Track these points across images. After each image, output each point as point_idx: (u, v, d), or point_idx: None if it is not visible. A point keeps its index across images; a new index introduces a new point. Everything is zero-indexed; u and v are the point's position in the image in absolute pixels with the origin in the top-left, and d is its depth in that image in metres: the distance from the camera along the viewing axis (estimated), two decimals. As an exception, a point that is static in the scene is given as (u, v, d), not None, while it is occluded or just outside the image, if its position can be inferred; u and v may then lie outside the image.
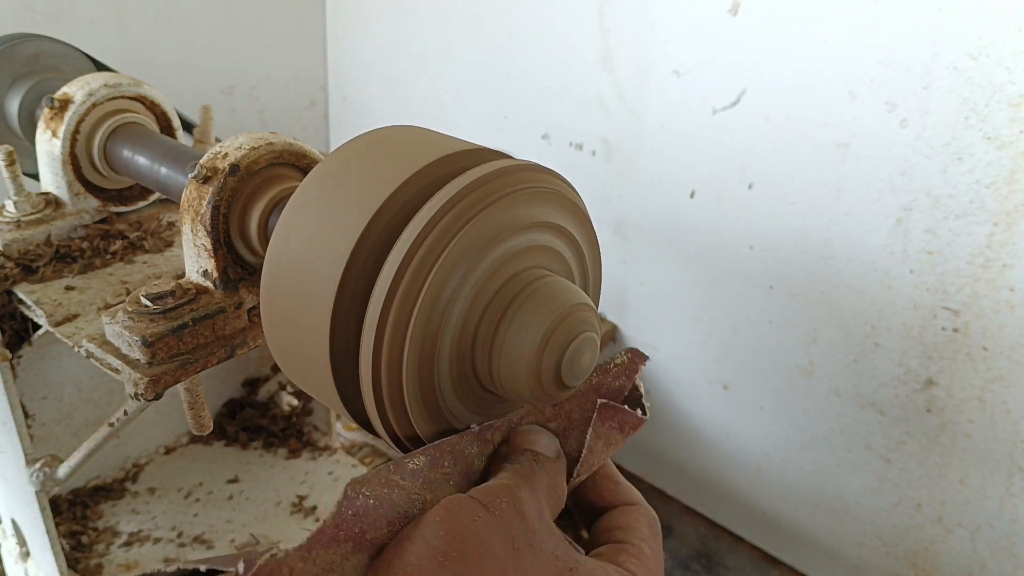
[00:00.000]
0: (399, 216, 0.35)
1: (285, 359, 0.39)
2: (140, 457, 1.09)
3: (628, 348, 0.42)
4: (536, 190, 0.36)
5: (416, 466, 0.35)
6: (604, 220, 1.26)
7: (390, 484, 0.33)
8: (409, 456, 0.35)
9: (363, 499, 0.32)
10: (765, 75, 1.01)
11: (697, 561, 1.36)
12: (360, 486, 0.32)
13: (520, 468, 0.36)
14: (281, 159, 0.54)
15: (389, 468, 0.34)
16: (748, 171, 1.07)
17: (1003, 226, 0.88)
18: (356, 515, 0.32)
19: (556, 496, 0.37)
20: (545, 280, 0.36)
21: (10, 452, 0.74)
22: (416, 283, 0.33)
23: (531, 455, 0.37)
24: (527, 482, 0.35)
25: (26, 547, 0.86)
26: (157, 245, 0.71)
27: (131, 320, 0.51)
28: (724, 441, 1.27)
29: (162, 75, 1.19)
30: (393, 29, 1.46)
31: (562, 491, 0.38)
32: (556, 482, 0.37)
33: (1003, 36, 0.82)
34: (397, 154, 0.37)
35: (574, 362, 0.36)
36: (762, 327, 1.14)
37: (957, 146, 0.89)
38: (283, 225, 0.38)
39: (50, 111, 0.68)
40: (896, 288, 0.99)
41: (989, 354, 0.94)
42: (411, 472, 0.34)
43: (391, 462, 0.34)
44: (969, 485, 1.02)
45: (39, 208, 0.70)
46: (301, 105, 1.60)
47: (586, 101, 1.22)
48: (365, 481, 0.33)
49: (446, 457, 0.36)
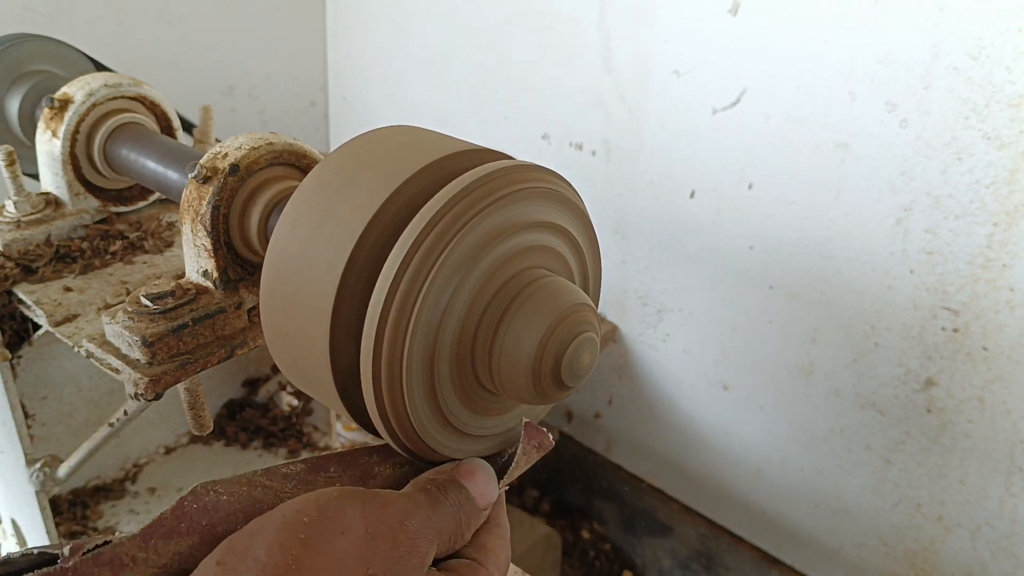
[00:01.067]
0: (399, 216, 0.35)
1: (285, 359, 0.39)
2: (140, 457, 1.09)
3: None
4: (536, 190, 0.36)
5: (290, 471, 0.34)
6: (604, 220, 1.26)
7: (252, 484, 0.33)
8: (286, 463, 0.34)
9: (213, 495, 0.32)
10: (765, 75, 1.01)
11: (697, 561, 1.36)
12: (211, 484, 0.32)
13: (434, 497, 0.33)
14: (281, 159, 0.54)
15: (258, 472, 0.33)
16: (748, 171, 1.07)
17: (1003, 226, 0.88)
18: (202, 509, 0.31)
19: (451, 544, 0.33)
20: (545, 280, 0.36)
21: (10, 452, 0.74)
22: (416, 283, 0.33)
23: (459, 491, 0.34)
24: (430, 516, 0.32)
25: (26, 547, 0.86)
26: (157, 245, 0.71)
27: (131, 320, 0.51)
28: (724, 441, 1.27)
29: (162, 75, 1.20)
30: (393, 29, 1.46)
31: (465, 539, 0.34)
32: (461, 529, 0.34)
33: (1003, 36, 0.82)
34: (397, 154, 0.37)
35: (574, 362, 0.36)
36: (762, 327, 1.14)
37: (957, 146, 0.89)
38: (283, 225, 0.38)
39: (50, 111, 0.68)
40: (896, 288, 0.99)
41: (989, 354, 0.94)
42: (282, 475, 0.34)
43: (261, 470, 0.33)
44: (969, 485, 1.02)
45: (39, 208, 0.70)
46: (301, 105, 1.60)
47: (586, 101, 1.22)
48: (221, 481, 0.32)
49: (332, 463, 0.35)
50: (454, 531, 0.33)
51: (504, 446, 0.42)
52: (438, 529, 0.32)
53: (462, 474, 0.35)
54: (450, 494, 0.34)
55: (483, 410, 0.39)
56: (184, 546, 0.31)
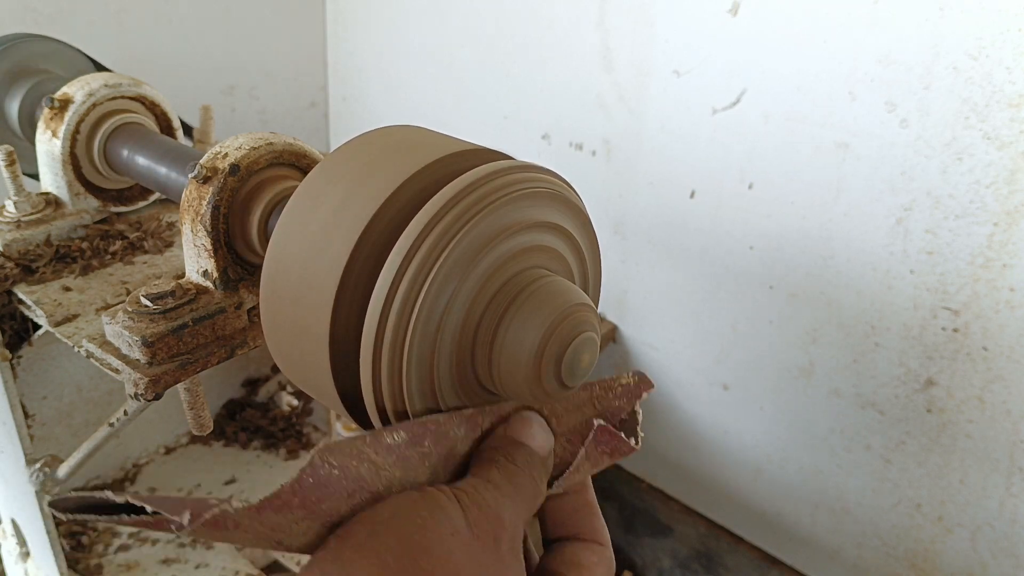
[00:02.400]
0: (399, 216, 0.35)
1: (285, 360, 0.39)
2: (140, 457, 1.09)
3: (636, 371, 0.39)
4: (536, 190, 0.36)
5: (393, 441, 0.33)
6: (604, 220, 1.26)
7: (360, 457, 0.32)
8: (388, 429, 0.33)
9: (327, 468, 0.31)
10: (765, 75, 1.01)
11: (697, 561, 1.36)
12: (328, 454, 0.31)
13: (509, 471, 0.33)
14: (281, 159, 0.54)
15: (364, 439, 0.32)
16: (748, 171, 1.07)
17: (1003, 226, 0.88)
18: (317, 484, 0.31)
19: (535, 502, 0.35)
20: (545, 280, 0.36)
21: (10, 452, 0.74)
22: (416, 284, 0.33)
23: (523, 451, 0.35)
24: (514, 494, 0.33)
25: (26, 547, 0.86)
26: (157, 246, 0.71)
27: (131, 320, 0.51)
28: (724, 441, 1.27)
29: (162, 75, 1.19)
30: (393, 29, 1.46)
31: (542, 497, 0.35)
32: (539, 488, 0.35)
33: (1003, 36, 0.82)
34: (397, 154, 0.37)
35: (574, 362, 0.36)
36: (762, 327, 1.14)
37: (957, 146, 0.89)
38: (283, 225, 0.38)
39: (50, 111, 0.68)
40: (896, 288, 0.99)
41: (989, 354, 0.94)
42: (386, 447, 0.33)
43: (368, 433, 0.33)
44: (969, 485, 1.02)
45: (39, 208, 0.70)
46: (301, 105, 1.60)
47: (586, 101, 1.22)
48: (334, 450, 0.31)
49: (428, 436, 0.34)
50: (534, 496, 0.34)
51: None
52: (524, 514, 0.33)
53: (518, 432, 0.35)
54: (519, 459, 0.34)
55: (483, 410, 0.39)
56: (287, 519, 0.30)
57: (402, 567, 0.27)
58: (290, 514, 0.30)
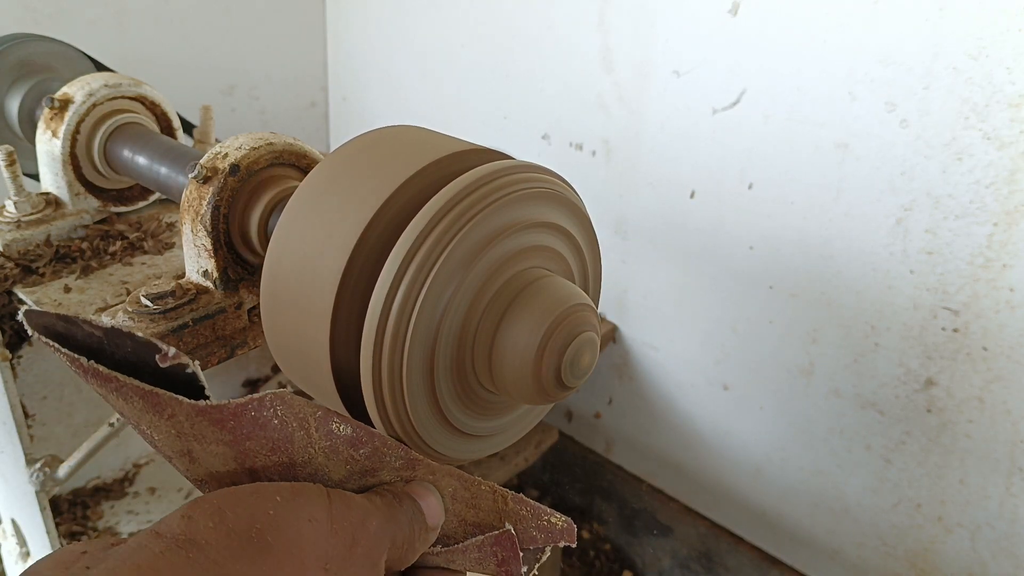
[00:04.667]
0: (399, 216, 0.35)
1: (286, 359, 0.39)
2: (140, 457, 1.09)
3: (568, 520, 0.39)
4: (536, 191, 0.36)
5: (337, 430, 0.33)
6: (604, 220, 1.26)
7: (303, 423, 0.33)
8: (341, 419, 0.34)
9: (271, 413, 0.32)
10: (765, 75, 1.01)
11: (697, 561, 1.36)
12: (278, 402, 0.32)
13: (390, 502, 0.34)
14: (281, 159, 0.54)
15: (316, 411, 0.33)
16: (748, 171, 1.07)
17: (1003, 226, 0.88)
18: (254, 420, 0.32)
19: (400, 557, 0.34)
20: (545, 280, 0.36)
21: (10, 452, 0.74)
22: (416, 283, 0.33)
23: (413, 507, 0.35)
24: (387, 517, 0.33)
25: (26, 547, 0.86)
26: (157, 247, 0.71)
27: (131, 320, 0.51)
28: (724, 441, 1.27)
29: (162, 75, 1.19)
30: (393, 29, 1.46)
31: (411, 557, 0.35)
32: (412, 547, 0.35)
33: (1003, 36, 0.82)
34: (397, 154, 0.37)
35: (574, 362, 0.36)
36: (762, 327, 1.14)
37: (957, 146, 0.89)
38: (283, 225, 0.38)
39: (50, 111, 0.68)
40: (896, 288, 0.99)
41: (989, 354, 0.94)
42: (328, 431, 0.33)
43: (322, 407, 0.33)
44: (969, 485, 1.02)
45: (39, 208, 0.70)
46: (301, 105, 1.60)
47: (586, 101, 1.22)
48: (286, 402, 0.32)
49: (367, 446, 0.34)
50: (406, 539, 0.34)
51: (502, 447, 0.41)
52: (392, 534, 0.33)
53: (414, 491, 0.36)
54: (405, 503, 0.34)
55: (483, 410, 0.40)
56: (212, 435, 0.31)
57: (247, 536, 0.28)
58: (218, 432, 0.31)
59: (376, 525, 0.32)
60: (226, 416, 0.31)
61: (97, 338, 0.30)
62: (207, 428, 0.31)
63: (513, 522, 0.38)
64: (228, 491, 0.30)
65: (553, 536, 0.38)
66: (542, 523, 0.38)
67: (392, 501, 0.34)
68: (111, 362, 0.30)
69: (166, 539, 0.27)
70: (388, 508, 0.33)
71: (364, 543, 0.31)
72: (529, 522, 0.38)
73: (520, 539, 0.38)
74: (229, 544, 0.28)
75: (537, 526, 0.38)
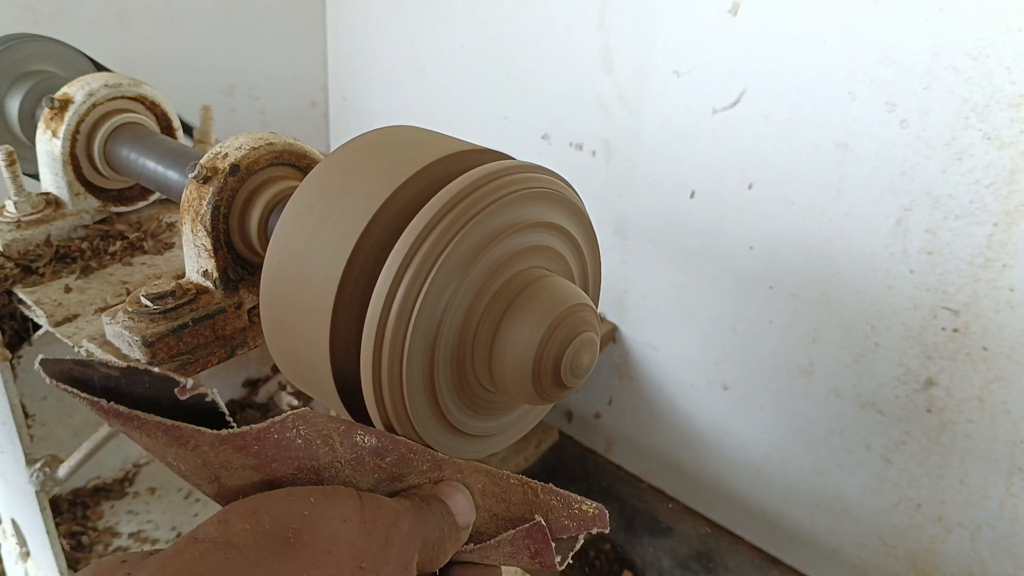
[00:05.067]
0: (399, 216, 0.35)
1: (285, 360, 0.39)
2: (140, 457, 1.09)
3: (599, 506, 0.39)
4: (536, 191, 0.36)
5: (362, 442, 0.34)
6: (604, 220, 1.26)
7: (326, 439, 0.33)
8: (365, 430, 0.34)
9: (294, 433, 0.32)
10: (765, 75, 1.01)
11: (697, 561, 1.36)
12: (300, 421, 0.32)
13: (422, 509, 0.34)
14: (281, 159, 0.54)
15: (338, 426, 0.33)
16: (748, 171, 1.07)
17: (1003, 226, 0.88)
18: (278, 443, 0.32)
19: (432, 558, 0.34)
20: (545, 280, 0.36)
21: (10, 452, 0.74)
22: (416, 283, 0.33)
23: (442, 508, 0.35)
24: (417, 518, 0.33)
25: (26, 547, 0.86)
26: (157, 247, 0.71)
27: (131, 320, 0.51)
28: (724, 441, 1.27)
29: (162, 75, 1.19)
30: (393, 29, 1.46)
31: (442, 558, 0.35)
32: (443, 547, 0.35)
33: (1003, 36, 0.82)
34: (397, 154, 0.37)
35: (574, 362, 0.36)
36: (762, 327, 1.14)
37: (957, 146, 0.89)
38: (283, 225, 0.38)
39: (50, 111, 0.68)
40: (896, 288, 0.99)
41: (989, 354, 0.94)
42: (352, 443, 0.34)
43: (344, 422, 0.33)
44: (969, 485, 1.02)
45: (39, 208, 0.69)
46: (301, 105, 1.60)
47: (586, 101, 1.22)
48: (308, 420, 0.32)
49: (393, 454, 0.35)
50: (436, 541, 0.34)
51: (502, 447, 0.41)
52: (423, 535, 0.33)
53: (442, 492, 0.36)
54: (433, 506, 0.35)
55: (483, 410, 0.40)
56: (237, 460, 0.31)
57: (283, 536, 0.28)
58: (243, 458, 0.31)
59: (407, 526, 0.32)
60: (249, 441, 0.31)
61: (114, 378, 0.30)
62: (232, 455, 0.31)
63: (544, 513, 0.38)
64: (262, 495, 0.30)
65: (585, 523, 0.38)
66: (573, 511, 0.38)
67: (420, 504, 0.34)
68: (130, 400, 0.30)
69: (204, 543, 0.27)
70: (417, 511, 0.34)
71: (397, 543, 0.32)
72: (560, 512, 0.38)
73: (552, 529, 0.38)
74: (266, 544, 0.28)
75: (568, 515, 0.38)
